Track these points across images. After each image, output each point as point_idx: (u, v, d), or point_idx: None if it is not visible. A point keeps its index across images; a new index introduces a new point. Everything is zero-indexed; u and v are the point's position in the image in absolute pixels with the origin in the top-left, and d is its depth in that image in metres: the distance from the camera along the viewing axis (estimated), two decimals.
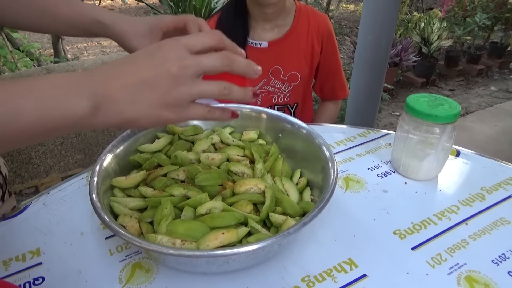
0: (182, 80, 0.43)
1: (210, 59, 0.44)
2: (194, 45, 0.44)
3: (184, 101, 0.44)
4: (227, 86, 0.46)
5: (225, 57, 0.45)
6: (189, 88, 0.43)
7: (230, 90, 0.46)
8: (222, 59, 0.45)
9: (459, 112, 0.72)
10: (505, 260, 0.61)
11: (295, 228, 0.52)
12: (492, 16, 3.63)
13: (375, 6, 1.51)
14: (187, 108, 0.45)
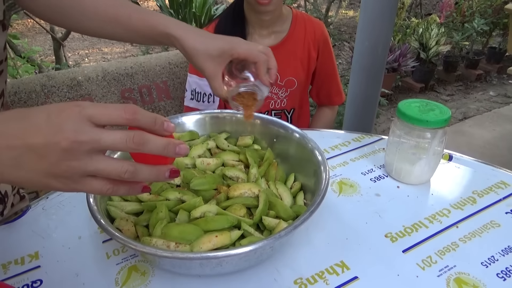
0: (74, 155, 0.38)
1: (112, 138, 0.39)
2: (100, 119, 0.39)
3: (75, 175, 0.39)
4: (130, 170, 0.40)
5: (133, 139, 0.40)
6: (83, 163, 0.39)
7: (133, 174, 0.41)
8: (128, 141, 0.39)
9: (450, 117, 0.73)
10: (494, 262, 0.62)
11: (286, 231, 0.53)
12: (490, 21, 3.65)
13: (371, 13, 1.53)
14: (81, 181, 0.40)
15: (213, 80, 0.65)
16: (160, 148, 0.41)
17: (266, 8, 1.03)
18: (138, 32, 0.67)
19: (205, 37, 0.65)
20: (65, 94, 1.24)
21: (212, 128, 0.83)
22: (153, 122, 0.41)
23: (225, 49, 0.64)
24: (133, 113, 0.40)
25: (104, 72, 1.31)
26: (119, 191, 0.43)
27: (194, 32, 0.65)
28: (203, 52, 0.63)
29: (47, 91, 1.22)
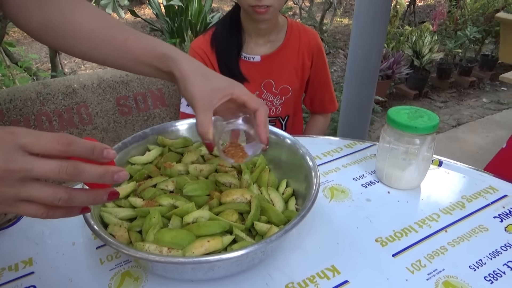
0: (6, 182, 0.38)
1: (45, 168, 0.39)
2: (32, 148, 0.39)
3: (8, 200, 0.40)
4: (64, 197, 0.41)
5: (66, 169, 0.40)
6: (15, 190, 0.39)
7: (68, 202, 0.41)
8: (60, 171, 0.39)
9: (438, 123, 0.75)
10: (482, 265, 0.63)
11: (277, 236, 0.54)
12: (482, 29, 3.71)
13: (364, 22, 1.56)
14: (15, 205, 0.40)
15: (202, 113, 0.58)
16: (96, 178, 0.42)
17: (263, 17, 1.05)
18: (133, 55, 0.63)
19: (206, 68, 0.61)
20: (60, 101, 1.25)
21: None
22: (91, 151, 0.41)
23: (225, 85, 0.59)
24: (67, 145, 0.40)
25: (99, 80, 1.32)
26: (55, 215, 0.43)
27: (196, 61, 0.61)
28: (202, 78, 0.59)
29: (42, 99, 1.23)
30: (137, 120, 1.39)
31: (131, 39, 0.64)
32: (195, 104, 0.58)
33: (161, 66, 0.62)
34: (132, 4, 6.09)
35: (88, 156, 0.41)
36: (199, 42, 1.18)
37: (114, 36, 0.64)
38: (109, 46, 0.64)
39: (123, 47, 0.64)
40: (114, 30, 0.64)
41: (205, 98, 0.58)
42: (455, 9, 4.04)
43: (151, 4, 3.49)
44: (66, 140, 0.40)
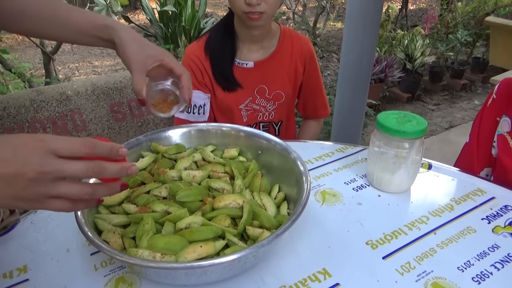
0: (40, 183, 0.43)
1: (74, 168, 0.45)
2: (62, 152, 0.44)
3: (40, 198, 0.45)
4: (89, 192, 0.47)
5: (92, 168, 0.46)
6: (47, 189, 0.44)
7: (92, 195, 0.48)
8: (88, 171, 0.45)
9: (426, 127, 0.77)
10: (470, 266, 0.65)
11: (268, 240, 0.56)
12: (473, 32, 3.75)
13: (356, 27, 1.58)
14: (45, 202, 0.46)
15: (137, 74, 0.68)
16: (115, 173, 0.48)
17: (256, 23, 1.06)
18: (77, 28, 0.71)
19: (141, 37, 0.70)
20: (54, 108, 1.26)
21: (199, 141, 0.85)
22: (110, 151, 0.48)
23: (157, 53, 0.70)
24: (93, 147, 0.46)
25: (93, 86, 1.32)
26: (79, 207, 0.49)
27: (133, 31, 0.70)
28: (138, 45, 0.69)
29: (36, 106, 1.23)
30: (131, 127, 1.40)
31: (73, 13, 0.71)
32: (131, 67, 0.69)
33: (102, 35, 0.71)
34: (126, 10, 6.10)
35: (107, 155, 0.48)
36: (193, 48, 1.19)
37: (56, 12, 0.71)
38: (53, 21, 0.72)
39: (66, 21, 0.71)
40: (57, 8, 0.72)
41: (140, 62, 0.68)
42: (446, 12, 4.10)
43: (144, 10, 3.50)
44: (91, 143, 0.46)
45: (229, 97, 1.17)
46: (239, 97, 1.18)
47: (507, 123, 0.89)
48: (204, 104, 1.16)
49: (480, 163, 0.95)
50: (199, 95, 1.16)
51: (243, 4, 1.01)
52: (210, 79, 1.16)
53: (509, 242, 0.69)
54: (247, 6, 1.00)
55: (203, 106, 1.16)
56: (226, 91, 1.17)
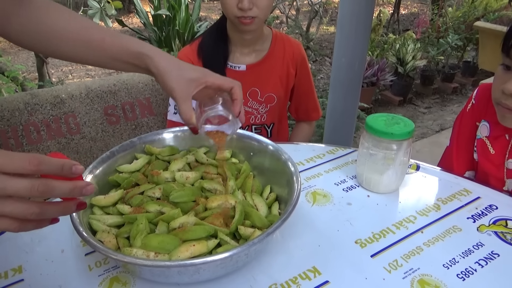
0: None
1: (17, 186, 0.42)
2: (5, 168, 0.42)
3: None
4: (36, 211, 0.44)
5: (38, 187, 0.43)
6: None
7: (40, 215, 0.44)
8: (32, 189, 0.42)
9: (413, 129, 0.79)
10: (455, 264, 0.67)
11: (259, 238, 0.57)
12: (464, 37, 3.82)
13: (347, 31, 1.61)
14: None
15: (183, 103, 0.65)
16: (66, 193, 0.45)
17: (248, 28, 1.08)
18: (111, 54, 0.68)
19: (178, 61, 0.68)
20: (48, 111, 1.27)
21: (192, 143, 0.87)
22: (60, 168, 0.44)
23: (198, 75, 0.66)
24: (37, 164, 0.42)
25: (87, 90, 1.33)
26: (27, 227, 0.46)
27: (168, 55, 0.67)
28: (176, 73, 0.65)
29: (30, 109, 1.24)
30: (125, 129, 1.41)
31: (107, 39, 0.69)
32: (175, 96, 0.66)
33: (137, 63, 0.68)
34: (120, 13, 6.11)
35: (57, 173, 0.44)
36: (186, 52, 1.21)
37: (91, 37, 0.69)
38: (87, 47, 0.69)
39: (100, 47, 0.69)
40: (90, 31, 0.69)
41: (182, 89, 0.65)
42: (437, 17, 4.16)
43: (138, 14, 3.51)
44: (36, 160, 0.42)
45: None
46: None
47: (485, 127, 0.91)
48: None
49: (463, 167, 0.97)
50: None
51: (235, 9, 1.03)
52: None
53: (493, 240, 0.72)
54: (239, 11, 1.02)
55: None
56: None
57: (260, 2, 1.03)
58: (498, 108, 0.80)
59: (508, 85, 0.75)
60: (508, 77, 0.76)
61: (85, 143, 1.35)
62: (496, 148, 0.89)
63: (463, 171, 0.97)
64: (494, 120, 0.84)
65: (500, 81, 0.78)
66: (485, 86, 0.91)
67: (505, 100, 0.77)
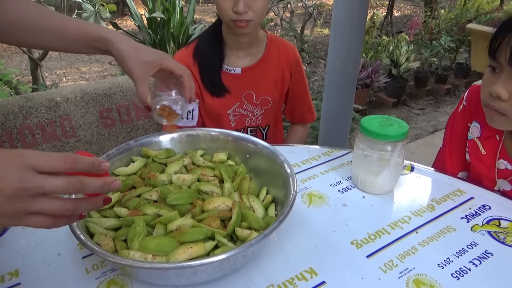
0: (19, 199, 0.43)
1: (54, 184, 0.44)
2: (42, 167, 0.44)
3: (19, 214, 0.44)
4: (70, 208, 0.46)
5: (73, 184, 0.45)
6: (27, 205, 0.44)
7: (73, 211, 0.47)
8: (68, 187, 0.45)
9: (407, 131, 0.80)
10: (449, 263, 0.68)
11: (256, 240, 0.58)
12: (456, 39, 3.85)
13: (341, 33, 1.62)
14: (24, 219, 0.45)
15: (140, 84, 0.72)
16: (97, 189, 0.48)
17: (244, 31, 1.09)
18: (73, 39, 0.72)
19: (137, 44, 0.73)
20: (43, 115, 1.26)
21: (188, 145, 0.87)
22: (91, 166, 0.47)
23: (155, 58, 0.72)
24: (74, 163, 0.45)
25: (82, 93, 1.33)
26: (60, 223, 0.48)
27: (127, 39, 0.72)
28: (135, 55, 0.71)
29: (25, 113, 1.24)
30: (120, 132, 1.41)
31: (68, 24, 0.72)
32: (133, 77, 0.72)
33: (98, 46, 0.73)
34: (114, 16, 6.09)
35: (89, 170, 0.47)
36: (181, 54, 1.21)
37: (51, 23, 0.72)
38: (48, 32, 0.73)
39: (61, 32, 0.73)
40: (51, 19, 0.73)
41: (140, 71, 0.72)
42: (430, 19, 4.19)
43: (133, 17, 3.51)
44: (72, 159, 0.45)
45: (217, 102, 1.19)
46: (227, 102, 1.20)
47: (477, 128, 0.93)
48: (193, 110, 1.18)
49: (456, 167, 0.98)
50: None
51: (230, 12, 1.03)
52: (199, 84, 1.18)
53: (487, 240, 0.73)
54: (235, 14, 1.03)
55: (191, 111, 1.18)
56: (214, 96, 1.19)
57: (256, 5, 1.04)
58: (486, 110, 0.81)
59: (495, 88, 0.76)
60: (495, 80, 0.77)
61: (81, 146, 1.34)
62: (487, 148, 0.90)
63: (456, 172, 0.98)
64: (485, 121, 0.86)
65: (487, 84, 0.79)
66: (476, 87, 0.93)
67: (492, 102, 0.78)
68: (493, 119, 0.80)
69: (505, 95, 0.75)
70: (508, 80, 0.74)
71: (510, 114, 0.77)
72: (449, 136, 1.00)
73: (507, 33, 0.72)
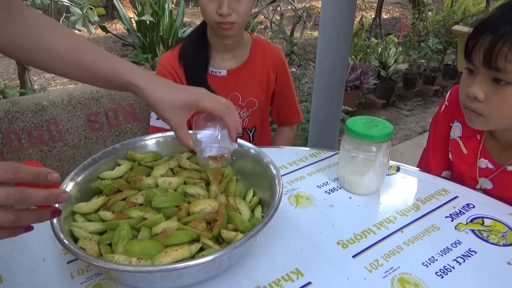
0: None
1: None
2: None
3: None
4: (12, 219, 0.44)
5: (14, 195, 0.43)
6: None
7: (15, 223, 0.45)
8: (8, 198, 0.43)
9: (392, 132, 0.81)
10: (433, 262, 0.68)
11: (241, 241, 0.58)
12: (444, 40, 3.90)
13: (329, 36, 1.63)
14: None
15: (178, 131, 0.68)
16: (41, 201, 0.46)
17: (228, 33, 1.09)
18: (102, 77, 0.69)
19: (169, 88, 0.68)
20: (29, 119, 1.25)
21: (174, 148, 0.87)
22: (36, 176, 0.45)
23: (190, 101, 0.67)
24: (14, 172, 0.43)
25: (69, 97, 1.32)
26: (1, 235, 0.46)
27: (158, 83, 0.68)
28: (168, 103, 0.67)
29: (11, 117, 1.22)
30: (108, 136, 1.40)
31: (98, 62, 0.69)
32: (171, 125, 0.69)
33: (127, 90, 0.70)
34: (103, 19, 6.06)
35: (34, 181, 0.45)
36: (167, 57, 1.21)
37: (82, 59, 0.69)
38: (78, 67, 0.69)
39: (91, 69, 0.69)
40: (82, 53, 0.69)
41: (176, 117, 0.68)
42: (418, 21, 4.24)
43: (122, 20, 3.50)
44: (13, 168, 0.43)
45: None
46: None
47: (458, 128, 0.94)
48: None
49: (439, 167, 1.00)
50: None
51: (215, 14, 1.04)
52: None
53: (470, 238, 0.74)
54: (219, 17, 1.04)
55: None
56: None
57: (239, 8, 1.04)
58: (465, 111, 0.83)
59: (471, 89, 0.77)
60: (471, 81, 0.78)
61: (68, 150, 1.33)
62: (468, 148, 0.92)
63: (440, 171, 0.99)
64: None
65: (465, 85, 0.80)
66: (457, 88, 0.94)
67: (470, 103, 0.79)
68: (472, 119, 0.82)
69: (481, 96, 0.76)
70: (484, 81, 0.76)
71: (487, 114, 0.78)
72: (432, 136, 1.01)
73: (480, 35, 0.74)
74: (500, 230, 0.75)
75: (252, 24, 4.09)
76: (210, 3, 1.03)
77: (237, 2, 1.03)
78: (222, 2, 1.01)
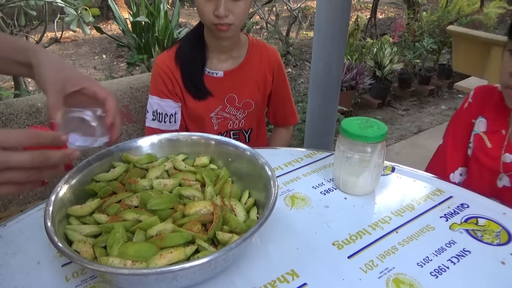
0: None
1: (20, 159, 0.49)
2: (6, 144, 0.48)
3: None
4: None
5: (37, 157, 0.50)
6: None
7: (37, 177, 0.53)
8: (33, 160, 0.50)
9: (386, 132, 0.81)
10: (428, 262, 0.69)
11: (236, 243, 0.58)
12: (438, 40, 3.92)
13: (324, 36, 1.64)
14: None
15: (54, 95, 0.63)
16: (59, 160, 0.53)
17: (225, 34, 1.09)
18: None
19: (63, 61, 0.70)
20: (23, 121, 1.24)
21: (170, 150, 0.87)
22: (52, 140, 0.53)
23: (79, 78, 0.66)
24: (37, 138, 0.50)
25: None
26: (25, 189, 0.54)
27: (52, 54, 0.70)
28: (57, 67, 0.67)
29: (5, 119, 1.21)
30: None
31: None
32: (47, 88, 0.64)
33: (19, 58, 0.69)
34: (98, 20, 6.04)
35: (51, 143, 0.52)
36: (163, 58, 1.21)
37: None
38: None
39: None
40: None
41: (57, 83, 0.64)
42: (413, 21, 4.26)
43: (117, 21, 3.49)
44: (35, 134, 0.50)
45: (199, 105, 1.19)
46: (209, 105, 1.20)
47: (483, 123, 0.98)
48: (175, 113, 1.18)
49: (455, 163, 1.03)
50: (170, 104, 1.18)
51: (212, 16, 1.04)
52: (181, 88, 1.18)
53: (465, 238, 0.74)
54: (216, 18, 1.03)
55: (174, 115, 1.18)
56: (196, 99, 1.19)
57: (236, 9, 1.04)
58: (507, 91, 0.87)
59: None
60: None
61: None
62: (493, 142, 0.95)
63: (456, 167, 1.03)
64: (492, 116, 0.92)
65: (509, 65, 0.84)
66: (481, 87, 1.01)
67: None
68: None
69: None
70: None
71: None
72: (453, 132, 1.05)
73: None
74: (494, 230, 0.76)
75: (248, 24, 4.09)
76: (207, 5, 1.03)
77: (234, 4, 1.03)
78: (219, 3, 1.01)
